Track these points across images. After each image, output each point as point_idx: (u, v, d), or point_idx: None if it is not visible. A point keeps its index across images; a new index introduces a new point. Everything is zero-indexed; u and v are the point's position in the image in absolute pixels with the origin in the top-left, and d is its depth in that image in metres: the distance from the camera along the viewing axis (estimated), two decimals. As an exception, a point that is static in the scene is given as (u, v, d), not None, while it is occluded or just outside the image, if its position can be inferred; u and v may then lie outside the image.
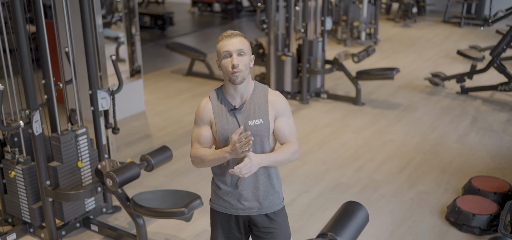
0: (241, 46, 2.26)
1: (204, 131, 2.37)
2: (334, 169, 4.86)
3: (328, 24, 6.89)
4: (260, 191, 2.37)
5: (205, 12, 15.05)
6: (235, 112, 2.32)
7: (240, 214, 2.41)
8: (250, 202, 2.38)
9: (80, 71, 4.64)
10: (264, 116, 2.31)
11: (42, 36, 3.47)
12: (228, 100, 2.34)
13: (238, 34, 2.29)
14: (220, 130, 2.32)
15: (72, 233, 3.87)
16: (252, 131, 2.30)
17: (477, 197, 4.04)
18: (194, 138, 2.40)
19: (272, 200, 2.41)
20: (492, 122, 6.03)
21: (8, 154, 3.65)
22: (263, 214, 2.41)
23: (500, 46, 6.54)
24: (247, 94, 2.34)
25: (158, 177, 4.71)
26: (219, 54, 2.30)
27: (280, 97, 2.38)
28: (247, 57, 2.28)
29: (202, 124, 2.38)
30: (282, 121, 2.36)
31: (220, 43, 2.28)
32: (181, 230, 3.90)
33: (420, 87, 7.42)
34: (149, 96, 7.13)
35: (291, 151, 2.34)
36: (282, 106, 2.36)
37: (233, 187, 2.37)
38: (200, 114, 2.38)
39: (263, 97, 2.35)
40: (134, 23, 6.38)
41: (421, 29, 11.80)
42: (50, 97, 3.67)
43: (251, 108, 2.32)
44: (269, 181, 2.38)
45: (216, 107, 2.35)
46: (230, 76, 2.26)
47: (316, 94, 6.99)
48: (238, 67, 2.23)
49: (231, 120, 2.32)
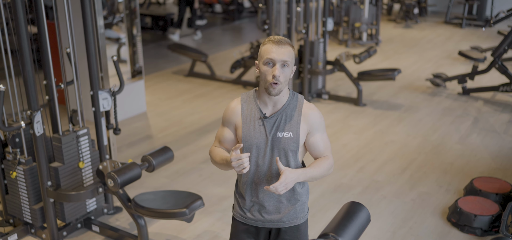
0: (287, 57, 2.11)
1: (227, 133, 2.30)
2: (336, 170, 4.85)
3: (330, 25, 6.89)
4: (282, 204, 2.29)
5: (206, 13, 15.06)
6: (264, 120, 2.20)
7: (260, 225, 2.33)
8: (272, 215, 2.30)
9: (81, 72, 4.64)
10: (294, 130, 2.19)
11: (43, 37, 3.47)
12: (260, 106, 2.22)
13: (287, 42, 2.13)
14: (246, 137, 2.21)
15: (73, 233, 3.87)
16: (278, 143, 2.19)
17: (478, 198, 4.03)
18: (217, 136, 2.35)
19: (294, 214, 2.32)
20: (494, 123, 6.02)
21: (9, 155, 3.65)
22: (284, 227, 2.32)
23: (502, 47, 6.53)
24: (281, 104, 2.21)
25: (159, 178, 4.71)
26: (261, 57, 2.15)
27: (315, 111, 2.25)
28: (290, 69, 2.14)
29: (227, 125, 2.30)
30: (317, 137, 2.25)
31: (265, 47, 2.14)
32: (182, 231, 3.90)
33: (422, 88, 7.42)
34: (150, 97, 7.13)
35: (327, 167, 2.25)
36: (317, 120, 2.24)
37: (254, 198, 2.29)
38: (228, 115, 2.29)
39: (297, 108, 2.22)
40: (136, 24, 6.38)
41: (422, 30, 11.79)
42: (51, 97, 3.67)
43: (282, 119, 2.20)
44: (293, 195, 2.29)
45: (245, 112, 2.24)
46: (267, 86, 2.13)
47: (318, 95, 6.98)
48: (278, 79, 2.10)
49: (258, 128, 2.20)
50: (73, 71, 3.71)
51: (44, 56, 3.54)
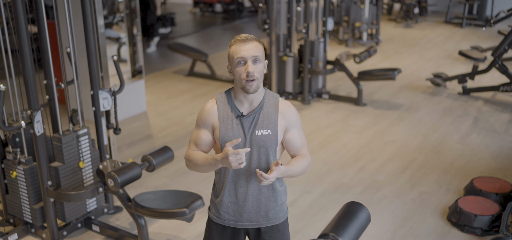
0: (256, 52, 2.11)
1: (204, 135, 2.25)
2: (336, 170, 4.85)
3: (330, 25, 6.88)
4: (262, 204, 2.26)
5: (207, 13, 15.06)
6: (241, 119, 2.18)
7: (238, 226, 2.29)
8: (251, 214, 2.26)
9: (81, 72, 4.63)
10: (272, 127, 2.18)
11: (43, 37, 3.47)
12: (236, 105, 2.20)
13: (253, 38, 2.13)
14: (224, 137, 2.18)
15: (74, 233, 3.87)
16: (258, 141, 2.17)
17: (478, 198, 4.03)
18: (192, 139, 2.29)
19: (274, 213, 2.29)
20: (494, 123, 6.02)
21: (9, 154, 3.65)
22: (263, 227, 2.30)
23: (502, 46, 6.53)
24: (257, 102, 2.20)
25: (159, 178, 4.71)
26: (231, 59, 2.14)
27: (291, 108, 2.25)
28: (262, 64, 2.14)
29: (203, 127, 2.25)
30: (294, 133, 2.24)
31: (233, 48, 2.13)
32: (183, 230, 3.90)
33: (422, 88, 7.42)
34: (150, 97, 7.13)
35: (305, 165, 2.23)
36: (293, 117, 2.24)
37: (232, 198, 2.25)
38: (203, 116, 2.24)
39: (274, 106, 2.21)
40: (136, 23, 6.39)
41: (422, 30, 11.78)
42: (51, 97, 3.67)
43: (260, 117, 2.19)
44: (272, 194, 2.26)
45: (222, 112, 2.20)
46: (244, 85, 2.11)
47: (318, 94, 6.98)
48: (253, 75, 2.09)
49: (236, 127, 2.18)
50: (73, 70, 3.71)
51: (44, 55, 3.54)
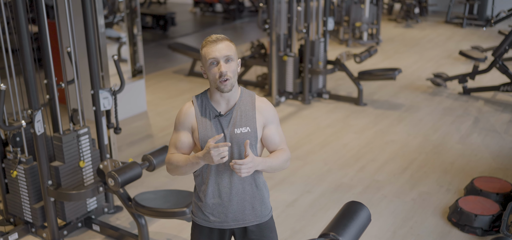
0: (228, 52, 2.12)
1: (183, 137, 2.25)
2: (336, 170, 4.85)
3: (330, 25, 6.88)
4: (246, 202, 2.24)
5: (207, 13, 15.06)
6: (220, 119, 2.19)
7: (225, 227, 2.28)
8: (236, 214, 2.25)
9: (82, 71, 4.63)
10: (251, 124, 2.19)
11: (44, 36, 3.48)
12: (213, 106, 2.21)
13: (224, 38, 2.14)
14: (203, 138, 2.18)
15: (74, 233, 3.87)
16: (239, 139, 2.17)
17: (479, 197, 4.03)
18: (172, 143, 2.29)
19: (259, 212, 2.28)
20: (494, 123, 6.02)
21: (10, 154, 3.66)
22: (250, 226, 2.29)
23: (503, 46, 6.53)
24: (234, 101, 2.21)
25: (159, 177, 4.71)
26: (204, 61, 2.15)
27: (268, 104, 2.27)
28: (235, 63, 2.15)
29: (182, 129, 2.26)
30: (272, 129, 2.25)
31: (205, 50, 2.14)
32: (183, 230, 3.90)
33: (422, 88, 7.41)
34: (151, 96, 7.13)
35: (285, 158, 2.24)
36: (270, 113, 2.25)
37: (216, 199, 2.25)
38: (181, 119, 2.25)
39: (250, 103, 2.23)
40: (136, 23, 6.39)
41: (423, 30, 11.78)
42: (52, 97, 3.67)
43: (238, 116, 2.19)
44: (257, 191, 2.26)
45: (199, 113, 2.21)
46: (218, 85, 2.13)
47: (318, 94, 6.98)
48: (226, 75, 2.11)
49: (215, 127, 2.19)
50: (73, 70, 3.71)
51: (44, 55, 3.54)
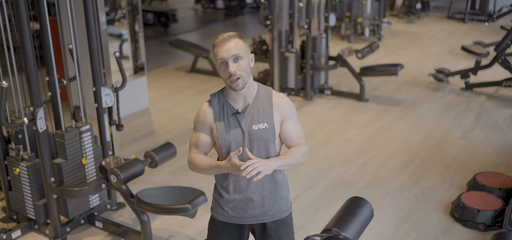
0: (236, 50, 2.10)
1: (203, 137, 2.27)
2: (338, 166, 4.85)
3: (332, 20, 6.87)
4: (266, 198, 2.26)
5: (208, 9, 15.05)
6: (237, 116, 2.19)
7: (244, 223, 2.30)
8: (255, 210, 2.26)
9: (84, 68, 4.64)
10: (269, 120, 2.19)
11: (46, 34, 3.48)
12: (230, 103, 2.22)
13: (232, 36, 2.12)
14: (222, 136, 2.20)
15: (77, 229, 3.88)
16: (257, 135, 2.18)
17: (481, 193, 4.03)
18: (192, 143, 2.30)
19: (278, 207, 2.30)
20: (497, 118, 6.00)
21: (12, 151, 3.66)
22: (268, 221, 2.30)
23: (505, 41, 6.51)
24: (250, 97, 2.22)
25: (162, 174, 4.72)
26: (215, 61, 2.16)
27: (285, 99, 2.26)
28: (245, 60, 2.14)
29: (201, 129, 2.27)
30: (289, 124, 2.24)
31: (214, 50, 2.14)
32: (185, 226, 3.90)
33: (424, 83, 7.40)
34: (152, 93, 7.13)
35: (302, 153, 2.23)
36: (288, 108, 2.24)
37: (237, 195, 2.26)
38: (200, 119, 2.26)
39: (267, 99, 2.22)
40: (138, 20, 6.38)
41: (425, 25, 11.75)
42: (54, 94, 3.67)
43: (255, 112, 2.19)
44: (276, 187, 2.27)
45: (217, 112, 2.23)
46: (230, 85, 2.14)
47: (320, 90, 6.97)
48: (236, 74, 2.11)
49: (233, 125, 2.20)
50: (75, 67, 3.72)
51: (46, 52, 3.54)
